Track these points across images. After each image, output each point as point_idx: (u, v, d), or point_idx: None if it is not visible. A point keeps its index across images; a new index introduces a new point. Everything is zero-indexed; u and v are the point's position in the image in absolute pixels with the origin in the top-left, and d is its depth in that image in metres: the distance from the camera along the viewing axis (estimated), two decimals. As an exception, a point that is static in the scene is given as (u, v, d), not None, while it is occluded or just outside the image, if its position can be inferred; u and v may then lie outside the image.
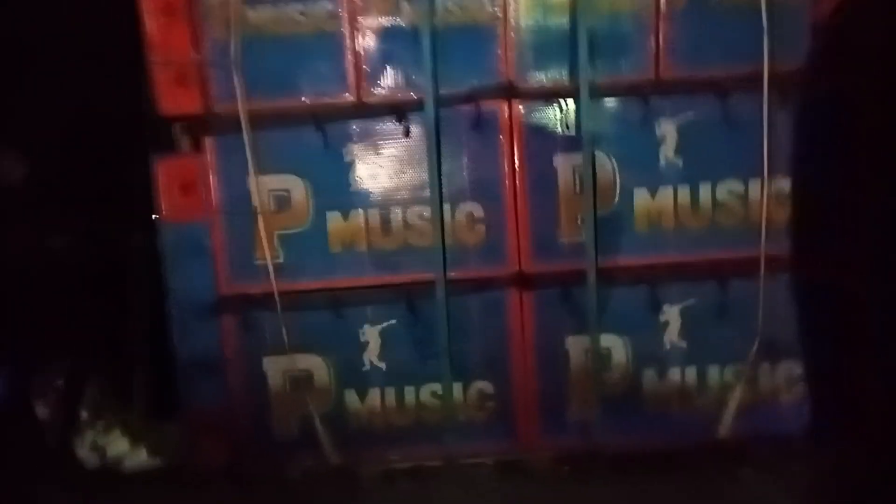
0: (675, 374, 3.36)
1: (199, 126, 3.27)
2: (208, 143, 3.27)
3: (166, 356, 3.39)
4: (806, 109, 2.35)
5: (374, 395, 3.39)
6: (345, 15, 3.18)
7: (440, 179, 3.21)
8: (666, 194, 3.27)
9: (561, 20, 3.20)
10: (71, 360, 3.83)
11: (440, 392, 3.35)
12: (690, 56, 3.20)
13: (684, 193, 3.27)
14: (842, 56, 2.13)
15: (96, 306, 3.90)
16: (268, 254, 3.27)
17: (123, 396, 4.19)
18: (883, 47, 1.98)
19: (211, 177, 3.28)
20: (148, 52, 3.18)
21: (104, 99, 3.67)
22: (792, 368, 3.34)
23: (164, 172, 3.27)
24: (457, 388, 3.35)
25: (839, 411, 2.20)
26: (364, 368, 3.36)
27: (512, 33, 3.20)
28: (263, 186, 3.26)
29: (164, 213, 3.27)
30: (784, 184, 3.25)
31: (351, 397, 3.39)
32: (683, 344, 3.34)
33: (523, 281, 3.31)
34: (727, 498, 3.11)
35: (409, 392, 3.38)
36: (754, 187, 3.25)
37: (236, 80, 3.15)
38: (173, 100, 3.21)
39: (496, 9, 3.18)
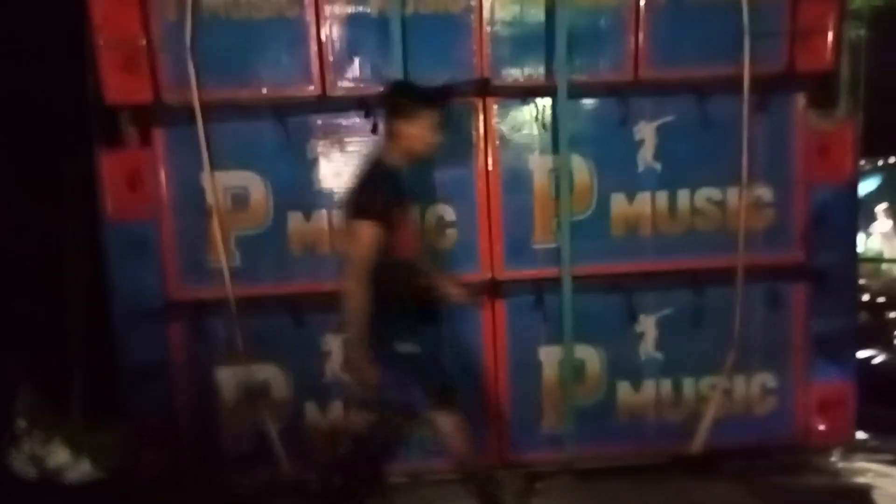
0: (650, 385, 3.25)
1: (148, 116, 3.02)
2: (158, 134, 3.03)
3: (108, 360, 3.14)
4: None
5: (335, 408, 3.18)
6: (309, 0, 2.97)
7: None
8: (644, 200, 3.16)
9: (538, 14, 3.06)
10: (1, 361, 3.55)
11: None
12: (670, 56, 3.09)
13: (662, 199, 3.16)
14: None
15: (30, 304, 3.62)
16: (223, 256, 3.04)
17: (61, 402, 3.91)
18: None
19: (160, 171, 3.03)
20: (93, 34, 2.92)
21: (43, 84, 3.40)
22: (767, 380, 3.27)
23: (110, 166, 3.01)
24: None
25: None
26: (326, 380, 3.16)
27: (487, 26, 3.04)
28: (219, 183, 3.04)
29: (108, 209, 3.01)
30: (762, 190, 3.20)
31: (311, 409, 3.18)
32: (659, 355, 3.23)
33: (496, 287, 3.15)
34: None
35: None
36: (732, 194, 3.16)
37: (189, 67, 2.92)
38: (120, 87, 2.95)
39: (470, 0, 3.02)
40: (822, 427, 3.28)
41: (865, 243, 5.96)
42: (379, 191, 2.52)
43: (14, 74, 3.41)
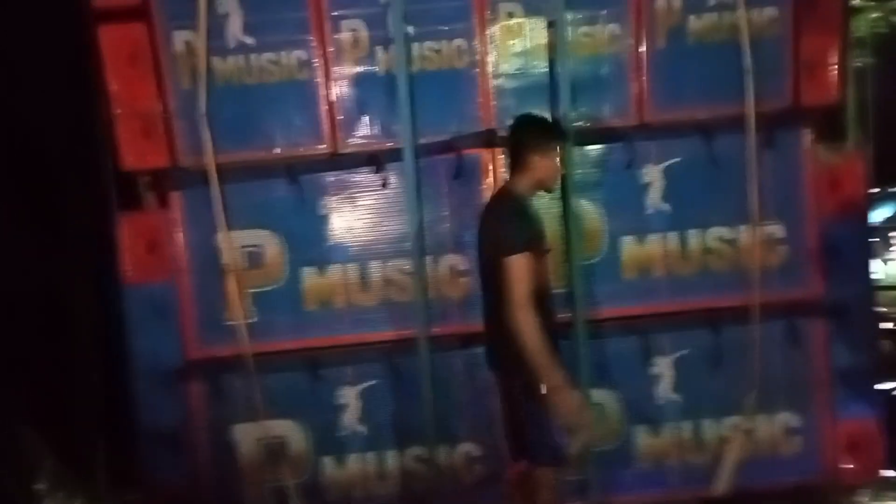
0: (669, 428, 3.21)
1: (166, 180, 3.10)
2: (175, 197, 3.10)
3: (129, 423, 3.16)
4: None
5: (354, 461, 3.18)
6: (318, 63, 3.06)
7: (421, 231, 3.07)
8: (654, 241, 3.17)
9: (541, 65, 3.12)
10: (23, 425, 3.58)
11: (425, 456, 3.15)
12: (673, 97, 3.13)
13: (673, 240, 3.17)
14: None
15: (50, 367, 3.67)
16: (240, 313, 3.08)
17: (83, 465, 3.93)
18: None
19: (178, 233, 3.10)
20: (111, 103, 3.02)
21: (65, 150, 3.51)
22: (790, 419, 3.22)
23: (129, 230, 3.08)
24: (442, 450, 3.16)
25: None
26: (343, 433, 3.16)
27: (491, 79, 3.11)
28: (234, 242, 3.09)
29: (127, 272, 3.07)
30: (774, 227, 3.19)
31: (329, 464, 3.18)
32: (677, 396, 3.20)
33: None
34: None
35: (392, 457, 3.18)
36: (744, 232, 3.16)
37: (204, 132, 3.01)
38: (138, 153, 3.04)
39: (474, 54, 3.09)
40: (849, 465, 3.20)
41: (884, 271, 5.88)
42: (524, 223, 2.58)
43: (38, 143, 3.52)
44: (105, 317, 3.25)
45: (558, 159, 2.71)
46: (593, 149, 3.15)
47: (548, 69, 3.11)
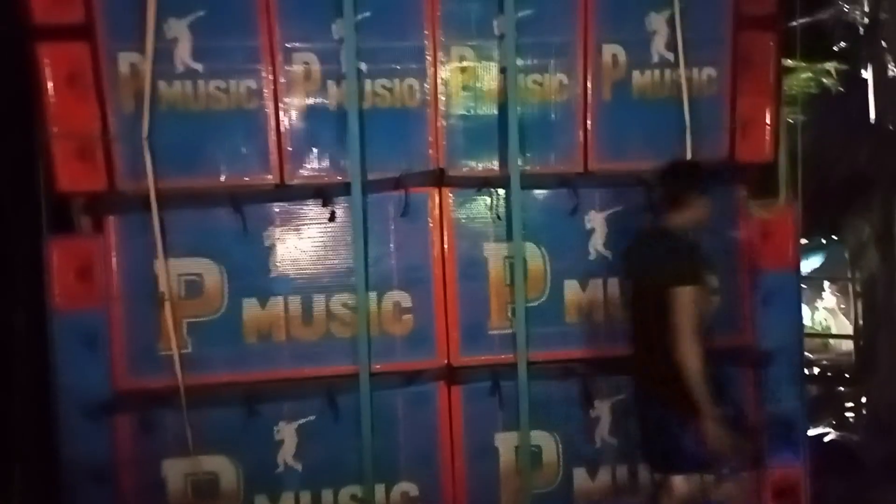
0: (605, 472, 3.25)
1: (101, 204, 2.99)
2: (111, 222, 2.99)
3: (52, 455, 3.00)
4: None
5: (287, 500, 3.08)
6: (268, 93, 3.03)
7: (366, 267, 3.05)
8: (596, 286, 3.23)
9: (491, 108, 3.18)
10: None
11: (360, 495, 3.09)
12: (617, 148, 3.23)
13: (613, 286, 3.24)
14: None
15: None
16: (174, 343, 2.97)
17: (5, 495, 3.71)
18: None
19: (112, 259, 2.98)
20: (46, 123, 2.91)
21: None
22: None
23: (59, 255, 2.95)
24: (379, 490, 3.11)
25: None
26: (277, 470, 3.07)
27: (442, 119, 3.14)
28: (172, 270, 3.00)
29: (55, 299, 2.93)
30: (709, 278, 3.29)
31: (262, 503, 3.08)
32: (614, 440, 3.24)
33: (452, 374, 3.15)
34: None
35: (327, 496, 3.10)
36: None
37: (146, 157, 2.93)
38: (73, 175, 2.93)
39: (426, 94, 3.12)
40: (777, 512, 3.30)
41: (812, 318, 6.15)
42: (694, 257, 2.78)
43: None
44: (33, 344, 3.08)
45: (710, 202, 2.90)
46: (540, 193, 3.21)
47: (497, 113, 3.17)
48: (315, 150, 3.08)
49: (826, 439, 4.41)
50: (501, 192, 3.15)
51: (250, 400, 3.03)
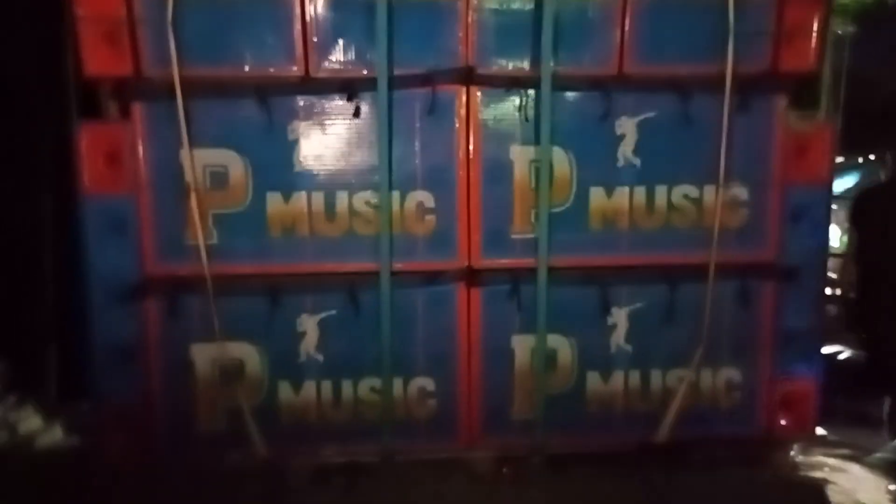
0: (619, 376, 3.31)
1: (128, 91, 2.97)
2: (137, 109, 2.99)
3: (83, 335, 3.13)
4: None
5: (309, 388, 3.21)
6: (295, -19, 2.93)
7: (390, 165, 3.03)
8: (622, 194, 3.19)
9: (526, 3, 3.04)
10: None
11: (379, 387, 3.20)
12: (654, 52, 3.10)
13: (640, 194, 3.19)
14: None
15: (2, 275, 3.59)
16: (200, 234, 3.02)
17: (35, 373, 3.91)
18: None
19: (139, 147, 3.00)
20: (73, 5, 2.86)
21: (14, 54, 3.34)
22: (733, 375, 3.34)
23: (89, 140, 2.96)
24: (397, 383, 3.21)
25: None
26: (300, 360, 3.18)
27: (473, 14, 3.03)
28: (198, 161, 3.01)
29: (85, 184, 2.97)
30: (738, 190, 3.24)
31: (284, 389, 3.21)
32: (629, 347, 3.29)
33: (472, 276, 3.18)
34: (668, 499, 3.10)
35: (347, 386, 3.22)
36: (709, 192, 3.20)
37: (171, 43, 2.88)
38: (101, 60, 2.90)
39: (458, -13, 2.99)
40: (784, 422, 3.36)
41: (840, 239, 6.05)
42: None
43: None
44: (65, 227, 3.15)
45: None
46: (570, 95, 3.12)
47: (532, 9, 3.04)
48: (341, 41, 3.01)
49: (840, 357, 4.45)
50: (531, 92, 3.07)
51: (274, 291, 3.11)
